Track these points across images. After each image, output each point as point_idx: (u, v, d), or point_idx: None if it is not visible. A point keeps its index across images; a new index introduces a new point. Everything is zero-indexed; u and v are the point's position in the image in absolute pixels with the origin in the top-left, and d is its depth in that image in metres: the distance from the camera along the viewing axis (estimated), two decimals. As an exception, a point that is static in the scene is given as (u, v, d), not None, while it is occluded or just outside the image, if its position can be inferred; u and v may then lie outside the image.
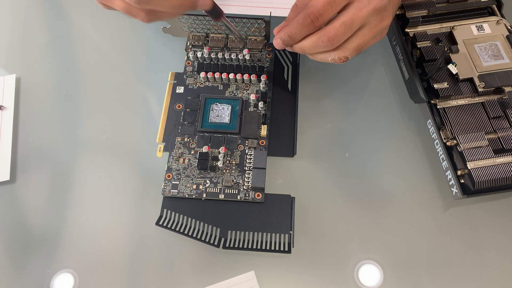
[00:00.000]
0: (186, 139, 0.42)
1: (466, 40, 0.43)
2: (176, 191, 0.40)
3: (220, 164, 0.41)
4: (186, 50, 0.46)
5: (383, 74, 0.47)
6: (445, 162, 0.40)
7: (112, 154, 0.44)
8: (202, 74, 0.45)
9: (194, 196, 0.40)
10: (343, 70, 0.47)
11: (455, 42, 0.43)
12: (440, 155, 0.41)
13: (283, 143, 0.43)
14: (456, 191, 0.39)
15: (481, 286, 0.38)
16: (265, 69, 0.45)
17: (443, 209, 0.41)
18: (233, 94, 0.44)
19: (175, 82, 0.45)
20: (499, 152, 0.39)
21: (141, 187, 0.42)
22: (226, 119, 0.43)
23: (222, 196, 0.40)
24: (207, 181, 0.41)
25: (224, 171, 0.41)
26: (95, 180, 0.42)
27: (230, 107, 0.44)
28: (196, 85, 0.45)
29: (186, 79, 0.45)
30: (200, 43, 0.46)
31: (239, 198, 0.40)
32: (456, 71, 0.40)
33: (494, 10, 0.45)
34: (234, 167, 0.41)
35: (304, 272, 0.38)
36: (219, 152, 0.41)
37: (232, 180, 0.40)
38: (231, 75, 0.44)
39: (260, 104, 0.43)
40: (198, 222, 0.39)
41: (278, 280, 0.38)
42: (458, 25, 0.44)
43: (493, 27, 0.44)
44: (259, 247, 0.38)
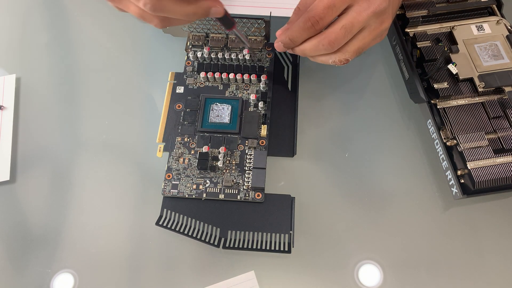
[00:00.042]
0: (186, 139, 0.42)
1: (466, 40, 0.43)
2: (176, 191, 0.40)
3: (220, 164, 0.41)
4: (186, 50, 0.46)
5: (383, 74, 0.47)
6: (445, 162, 0.40)
7: (112, 154, 0.44)
8: (202, 74, 0.45)
9: (194, 196, 0.40)
10: (343, 70, 0.47)
11: (455, 42, 0.43)
12: (440, 155, 0.41)
13: (283, 143, 0.43)
14: (456, 191, 0.39)
15: (481, 286, 0.38)
16: (265, 69, 0.45)
17: (443, 209, 0.41)
18: (233, 94, 0.44)
19: (175, 82, 0.45)
20: (499, 152, 0.39)
21: (141, 187, 0.42)
22: (226, 119, 0.43)
23: (222, 196, 0.40)
24: (207, 181, 0.41)
25: (224, 171, 0.41)
26: (95, 180, 0.42)
27: (230, 107, 0.44)
28: (196, 85, 0.45)
29: (186, 79, 0.45)
30: (200, 43, 0.46)
31: (239, 198, 0.40)
32: (456, 71, 0.40)
33: (494, 10, 0.45)
34: (234, 167, 0.41)
35: (304, 272, 0.38)
36: (219, 152, 0.41)
37: (232, 180, 0.40)
38: (231, 75, 0.44)
39: (260, 104, 0.43)
40: (198, 222, 0.39)
41: (278, 280, 0.38)
42: (458, 25, 0.44)
43: (493, 27, 0.44)
44: (259, 247, 0.38)
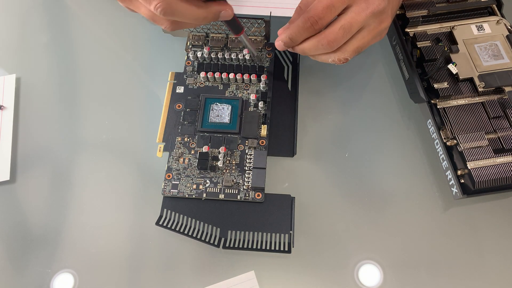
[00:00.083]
0: (186, 139, 0.42)
1: (466, 40, 0.43)
2: (176, 191, 0.40)
3: (220, 164, 0.41)
4: (186, 50, 0.46)
5: (383, 74, 0.47)
6: (445, 162, 0.40)
7: (112, 154, 0.44)
8: (202, 74, 0.45)
9: (194, 196, 0.40)
10: (343, 70, 0.47)
11: (455, 42, 0.43)
12: (440, 155, 0.41)
13: (283, 143, 0.43)
14: (456, 191, 0.39)
15: (481, 286, 0.38)
16: (265, 69, 0.45)
17: (443, 209, 0.41)
18: (233, 94, 0.44)
19: (175, 82, 0.45)
20: (499, 152, 0.39)
21: (141, 187, 0.42)
22: (226, 119, 0.43)
23: (222, 196, 0.40)
24: (207, 181, 0.41)
25: (224, 171, 0.41)
26: (95, 180, 0.42)
27: (230, 107, 0.44)
28: (196, 85, 0.45)
29: (186, 79, 0.45)
30: (200, 43, 0.46)
31: (239, 198, 0.40)
32: (456, 71, 0.40)
33: (494, 10, 0.45)
34: (234, 167, 0.41)
35: (304, 272, 0.38)
36: (219, 152, 0.41)
37: (232, 180, 0.40)
38: (231, 75, 0.44)
39: (260, 104, 0.43)
40: (198, 222, 0.39)
41: (278, 280, 0.38)
42: (458, 25, 0.44)
43: (493, 27, 0.44)
44: (259, 247, 0.38)
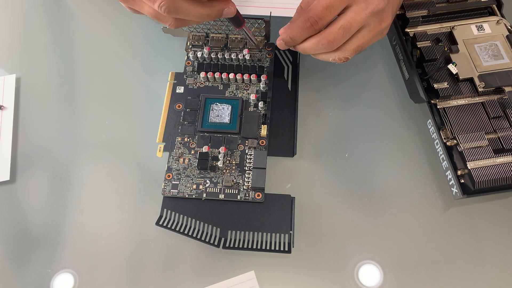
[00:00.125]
0: (186, 139, 0.42)
1: (466, 40, 0.43)
2: (176, 191, 0.40)
3: (220, 164, 0.41)
4: (186, 50, 0.46)
5: (383, 74, 0.47)
6: (445, 162, 0.40)
7: (112, 154, 0.44)
8: (202, 74, 0.45)
9: (194, 196, 0.40)
10: (343, 70, 0.47)
11: (455, 42, 0.43)
12: (440, 155, 0.41)
13: (283, 143, 0.43)
14: (456, 191, 0.39)
15: (481, 286, 0.38)
16: (265, 69, 0.45)
17: (443, 209, 0.41)
18: (233, 94, 0.44)
19: (175, 82, 0.45)
20: (499, 152, 0.39)
21: (141, 187, 0.42)
22: (226, 119, 0.43)
23: (222, 196, 0.40)
24: (207, 181, 0.41)
25: (224, 171, 0.41)
26: (95, 180, 0.42)
27: (230, 107, 0.44)
28: (196, 85, 0.45)
29: (186, 79, 0.45)
30: (200, 43, 0.46)
31: (239, 198, 0.40)
32: (456, 71, 0.40)
33: (494, 10, 0.45)
34: (234, 167, 0.41)
35: (304, 272, 0.38)
36: (219, 152, 0.41)
37: (232, 180, 0.40)
38: (231, 75, 0.44)
39: (260, 104, 0.43)
40: (198, 222, 0.39)
41: (278, 280, 0.38)
42: (458, 25, 0.44)
43: (493, 27, 0.44)
44: (259, 247, 0.38)
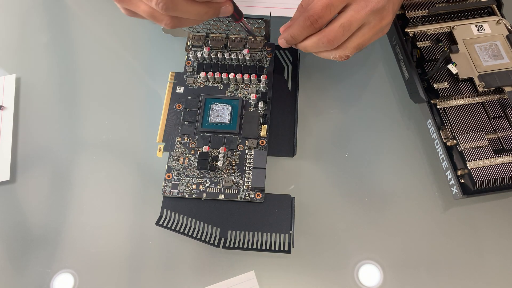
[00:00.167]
0: (186, 139, 0.42)
1: (466, 40, 0.43)
2: (176, 191, 0.40)
3: (220, 164, 0.41)
4: (186, 50, 0.46)
5: (383, 74, 0.47)
6: (445, 162, 0.40)
7: (112, 154, 0.44)
8: (202, 74, 0.45)
9: (194, 196, 0.40)
10: (343, 70, 0.47)
11: (455, 42, 0.43)
12: (440, 155, 0.41)
13: (283, 143, 0.43)
14: (456, 191, 0.39)
15: (481, 286, 0.38)
16: (265, 69, 0.45)
17: (443, 209, 0.41)
18: (233, 94, 0.44)
19: (175, 82, 0.45)
20: (499, 152, 0.39)
21: (141, 187, 0.42)
22: (226, 119, 0.43)
23: (222, 196, 0.40)
24: (207, 181, 0.41)
25: (224, 171, 0.41)
26: (95, 180, 0.42)
27: (230, 107, 0.44)
28: (196, 85, 0.45)
29: (186, 79, 0.45)
30: (200, 43, 0.46)
31: (239, 198, 0.40)
32: (456, 71, 0.40)
33: (494, 10, 0.45)
34: (234, 167, 0.41)
35: (304, 272, 0.38)
36: (219, 152, 0.41)
37: (232, 180, 0.40)
38: (231, 75, 0.44)
39: (260, 104, 0.43)
40: (198, 222, 0.39)
41: (278, 280, 0.38)
42: (458, 25, 0.44)
43: (493, 27, 0.44)
44: (259, 247, 0.38)
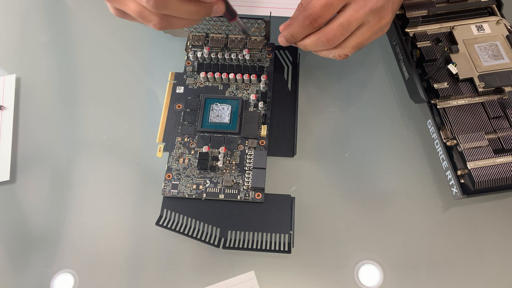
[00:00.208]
0: (186, 139, 0.42)
1: (466, 40, 0.43)
2: (176, 191, 0.40)
3: (220, 164, 0.41)
4: (186, 50, 0.46)
5: (383, 74, 0.47)
6: (445, 162, 0.40)
7: (112, 154, 0.44)
8: (202, 74, 0.45)
9: (194, 196, 0.40)
10: (343, 70, 0.47)
11: (455, 42, 0.43)
12: (440, 155, 0.41)
13: (283, 143, 0.43)
14: (456, 191, 0.39)
15: (481, 286, 0.38)
16: (265, 69, 0.45)
17: (443, 209, 0.41)
18: (233, 94, 0.44)
19: (175, 82, 0.45)
20: (499, 152, 0.39)
21: (141, 187, 0.42)
22: (226, 119, 0.43)
23: (222, 196, 0.40)
24: (207, 181, 0.41)
25: (224, 171, 0.41)
26: (95, 180, 0.42)
27: (230, 107, 0.44)
28: (196, 85, 0.45)
29: (186, 79, 0.45)
30: (200, 43, 0.46)
31: (239, 198, 0.40)
32: (456, 71, 0.40)
33: (494, 10, 0.45)
34: (234, 167, 0.41)
35: (304, 272, 0.38)
36: (219, 152, 0.41)
37: (232, 180, 0.40)
38: (231, 75, 0.44)
39: (260, 104, 0.43)
40: (198, 222, 0.39)
41: (278, 280, 0.38)
42: (458, 25, 0.44)
43: (493, 27, 0.44)
44: (259, 247, 0.38)
